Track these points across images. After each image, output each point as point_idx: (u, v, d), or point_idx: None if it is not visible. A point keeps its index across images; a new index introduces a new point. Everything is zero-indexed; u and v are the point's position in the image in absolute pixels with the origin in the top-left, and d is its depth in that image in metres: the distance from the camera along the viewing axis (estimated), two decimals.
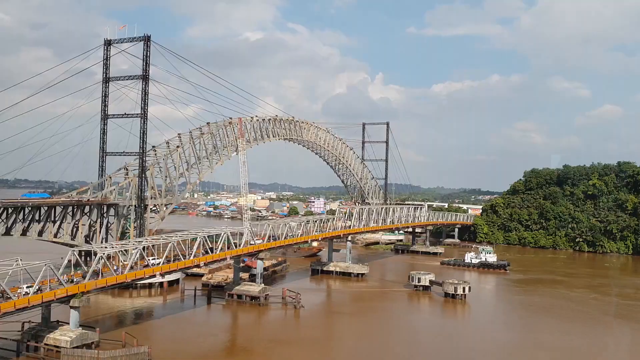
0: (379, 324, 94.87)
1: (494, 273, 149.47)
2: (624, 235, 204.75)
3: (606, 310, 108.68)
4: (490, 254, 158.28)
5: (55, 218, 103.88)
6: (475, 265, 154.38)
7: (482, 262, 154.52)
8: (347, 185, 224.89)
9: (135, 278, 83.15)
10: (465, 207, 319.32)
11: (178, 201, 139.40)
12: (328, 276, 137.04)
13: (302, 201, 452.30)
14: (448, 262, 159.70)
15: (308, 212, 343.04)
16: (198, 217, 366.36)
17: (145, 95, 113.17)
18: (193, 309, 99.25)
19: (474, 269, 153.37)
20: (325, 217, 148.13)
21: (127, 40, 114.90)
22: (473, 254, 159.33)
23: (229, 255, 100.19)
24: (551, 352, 78.32)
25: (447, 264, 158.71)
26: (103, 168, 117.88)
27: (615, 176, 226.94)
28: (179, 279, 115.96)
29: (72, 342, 67.58)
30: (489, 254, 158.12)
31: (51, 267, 68.80)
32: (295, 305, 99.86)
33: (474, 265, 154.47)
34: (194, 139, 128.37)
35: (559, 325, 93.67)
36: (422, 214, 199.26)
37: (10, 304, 62.73)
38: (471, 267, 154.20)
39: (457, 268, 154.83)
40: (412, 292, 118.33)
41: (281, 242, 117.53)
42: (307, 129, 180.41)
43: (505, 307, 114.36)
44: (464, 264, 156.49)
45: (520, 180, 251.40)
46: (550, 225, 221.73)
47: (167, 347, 74.45)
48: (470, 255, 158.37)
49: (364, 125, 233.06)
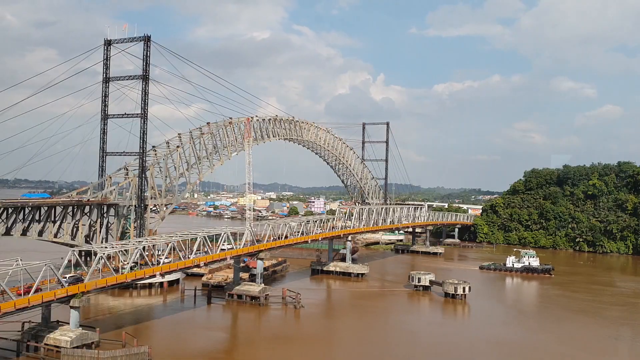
0: (379, 324, 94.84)
1: (538, 278, 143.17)
2: (624, 235, 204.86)
3: None
4: (533, 257, 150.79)
5: (55, 218, 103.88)
6: (518, 270, 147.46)
7: (526, 267, 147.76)
8: (347, 185, 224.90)
9: (135, 278, 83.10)
10: (465, 207, 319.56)
11: (178, 201, 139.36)
12: (328, 276, 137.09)
13: (302, 201, 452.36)
14: (487, 267, 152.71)
15: (308, 212, 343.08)
16: (198, 217, 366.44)
17: (146, 95, 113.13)
18: (193, 309, 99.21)
19: (517, 274, 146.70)
20: (325, 217, 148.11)
21: (128, 40, 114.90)
22: (514, 257, 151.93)
23: (229, 255, 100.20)
24: (550, 353, 78.42)
25: (487, 268, 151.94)
26: (103, 168, 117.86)
27: (615, 176, 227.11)
28: (179, 279, 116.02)
29: (72, 342, 67.56)
30: (532, 257, 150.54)
31: (51, 267, 68.76)
32: (295, 305, 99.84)
33: (516, 270, 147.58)
34: (194, 139, 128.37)
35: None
36: (422, 214, 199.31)
37: (10, 304, 62.69)
38: (513, 272, 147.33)
39: (498, 273, 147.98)
40: (412, 292, 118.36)
41: (281, 242, 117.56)
42: (307, 129, 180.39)
43: (505, 307, 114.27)
44: (505, 268, 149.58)
45: (520, 180, 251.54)
46: (550, 225, 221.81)
47: (167, 347, 74.48)
48: (512, 260, 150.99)
49: (364, 125, 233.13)
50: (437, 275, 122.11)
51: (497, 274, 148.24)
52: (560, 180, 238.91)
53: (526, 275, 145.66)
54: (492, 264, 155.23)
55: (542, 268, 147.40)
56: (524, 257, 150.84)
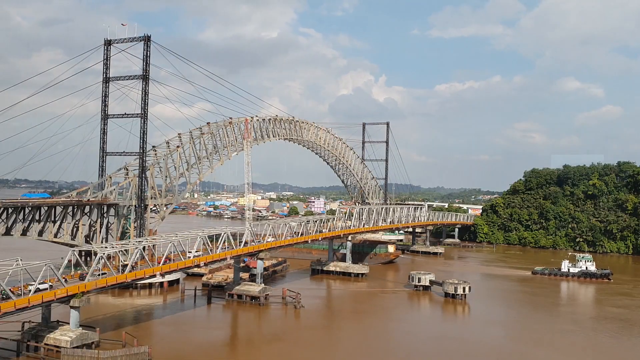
0: (379, 323, 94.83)
1: (596, 283, 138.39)
2: (624, 235, 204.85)
3: None
4: (590, 261, 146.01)
5: (55, 218, 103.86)
6: (575, 275, 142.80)
7: (583, 272, 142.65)
8: (347, 185, 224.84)
9: (135, 278, 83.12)
10: (466, 207, 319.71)
11: (178, 201, 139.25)
12: (328, 276, 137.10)
13: (302, 201, 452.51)
14: (542, 272, 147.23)
15: (308, 212, 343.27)
16: (198, 217, 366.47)
17: (146, 95, 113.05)
18: (193, 309, 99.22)
19: (573, 278, 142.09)
20: (325, 217, 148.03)
21: (128, 40, 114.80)
22: (568, 262, 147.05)
23: (229, 255, 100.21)
24: (551, 351, 78.39)
25: (541, 273, 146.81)
26: (103, 168, 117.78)
27: (615, 176, 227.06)
28: (179, 279, 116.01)
29: (72, 342, 67.58)
30: (588, 262, 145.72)
31: (51, 267, 68.77)
32: (295, 305, 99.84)
33: (573, 275, 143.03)
34: (194, 138, 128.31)
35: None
36: (422, 214, 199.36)
37: (11, 304, 62.72)
38: (569, 277, 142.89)
39: (553, 278, 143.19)
40: (412, 292, 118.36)
41: (281, 242, 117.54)
42: (307, 129, 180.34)
43: (504, 307, 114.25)
44: (561, 273, 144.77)
45: (520, 180, 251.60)
46: (550, 225, 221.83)
47: (167, 347, 74.48)
48: (568, 264, 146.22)
49: (364, 125, 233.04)
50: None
51: (552, 279, 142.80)
52: (560, 180, 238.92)
53: (583, 281, 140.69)
54: (546, 268, 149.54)
55: (600, 273, 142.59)
56: (580, 262, 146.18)
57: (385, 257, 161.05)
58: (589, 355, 79.26)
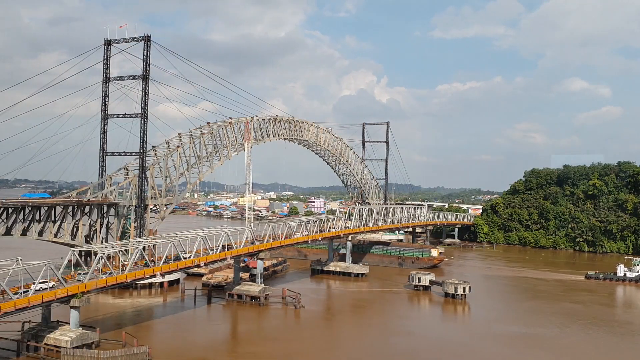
0: (379, 324, 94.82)
1: None
2: (624, 235, 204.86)
3: None
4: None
5: (55, 218, 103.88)
6: (631, 280, 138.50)
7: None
8: (347, 185, 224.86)
9: (135, 278, 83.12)
10: (466, 207, 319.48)
11: (178, 201, 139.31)
12: (328, 276, 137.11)
13: (302, 201, 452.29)
14: (596, 277, 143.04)
15: (308, 212, 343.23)
16: (198, 217, 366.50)
17: (146, 95, 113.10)
18: (193, 309, 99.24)
19: (630, 283, 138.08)
20: (326, 217, 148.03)
21: (128, 40, 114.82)
22: (623, 266, 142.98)
23: (229, 255, 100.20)
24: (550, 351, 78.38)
25: (595, 278, 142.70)
26: (103, 168, 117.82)
27: (615, 176, 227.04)
28: (179, 279, 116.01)
29: (72, 342, 67.58)
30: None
31: (51, 267, 68.78)
32: (295, 305, 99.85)
33: (630, 280, 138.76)
34: (194, 138, 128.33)
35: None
36: (422, 214, 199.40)
37: (11, 304, 62.72)
38: (626, 282, 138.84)
39: (608, 283, 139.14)
40: (412, 292, 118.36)
41: (281, 242, 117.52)
42: (307, 129, 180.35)
43: (504, 307, 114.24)
44: (617, 277, 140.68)
45: (520, 180, 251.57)
46: (551, 225, 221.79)
47: (167, 347, 74.50)
48: (623, 268, 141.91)
49: (364, 125, 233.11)
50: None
51: (607, 284, 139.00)
52: (560, 180, 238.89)
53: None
54: (600, 273, 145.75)
55: None
56: (637, 266, 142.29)
57: (428, 262, 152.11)
58: (590, 357, 79.24)
